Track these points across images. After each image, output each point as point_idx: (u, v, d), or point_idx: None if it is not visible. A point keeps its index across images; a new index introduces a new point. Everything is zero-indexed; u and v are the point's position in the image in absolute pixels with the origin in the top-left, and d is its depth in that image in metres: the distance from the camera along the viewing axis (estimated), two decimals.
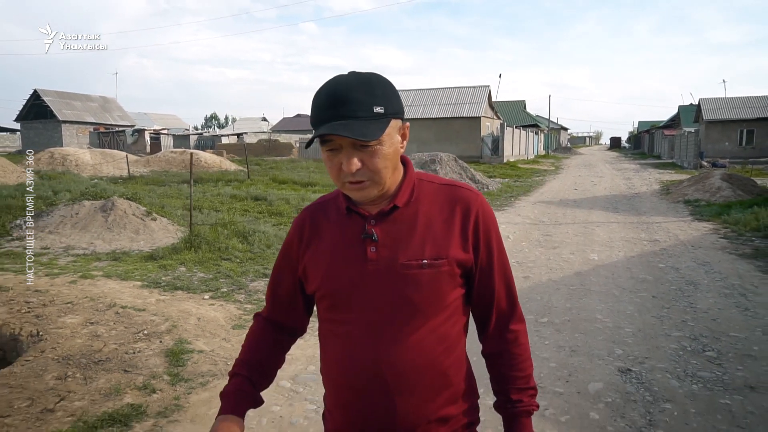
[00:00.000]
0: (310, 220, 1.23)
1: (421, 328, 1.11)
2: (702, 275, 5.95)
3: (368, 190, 1.09)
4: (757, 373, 3.49)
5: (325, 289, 1.16)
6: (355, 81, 1.05)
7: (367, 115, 1.03)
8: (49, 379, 3.50)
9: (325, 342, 1.21)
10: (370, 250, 1.12)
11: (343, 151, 1.05)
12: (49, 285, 5.62)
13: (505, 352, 1.20)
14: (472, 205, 1.15)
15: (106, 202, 8.82)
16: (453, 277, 1.13)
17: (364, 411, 1.13)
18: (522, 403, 1.18)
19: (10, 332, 4.35)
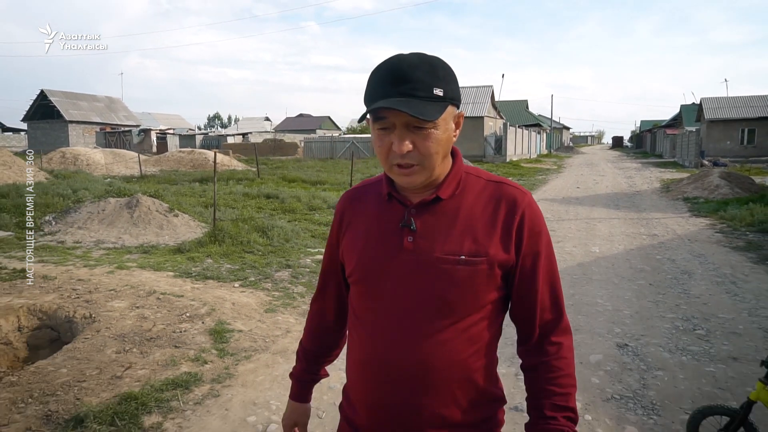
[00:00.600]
0: (350, 204, 1.23)
1: (452, 327, 1.07)
2: (696, 265, 6.37)
3: (416, 175, 1.05)
4: (741, 347, 3.91)
5: (357, 273, 1.15)
6: (418, 60, 1.02)
7: (427, 96, 1.00)
8: (110, 353, 3.94)
9: (354, 328, 1.19)
10: (407, 239, 1.09)
11: (395, 131, 1.02)
12: (90, 275, 6.06)
13: (545, 365, 1.12)
14: (518, 204, 1.10)
15: (130, 199, 9.27)
16: (491, 278, 1.07)
17: (386, 404, 1.10)
18: (556, 422, 1.07)
19: (64, 315, 4.79)
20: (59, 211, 9.74)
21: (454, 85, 1.05)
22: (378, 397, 1.11)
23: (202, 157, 27.32)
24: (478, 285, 1.06)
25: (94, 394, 3.28)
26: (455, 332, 1.06)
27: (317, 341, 1.35)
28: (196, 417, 3.05)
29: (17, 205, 10.49)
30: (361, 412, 1.16)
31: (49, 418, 2.99)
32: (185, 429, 2.92)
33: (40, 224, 9.10)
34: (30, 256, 6.05)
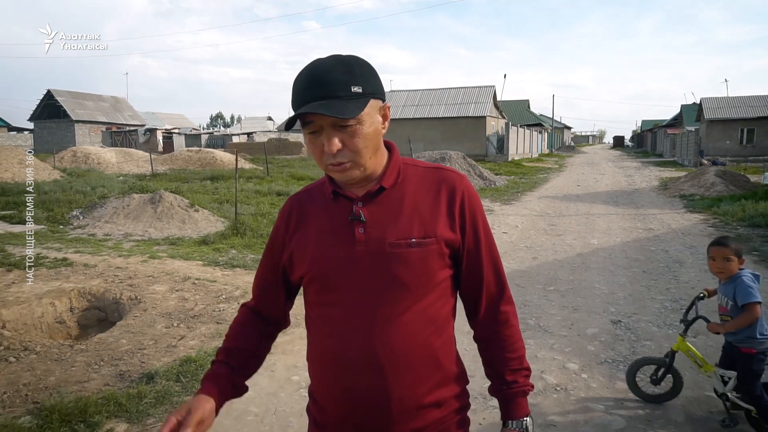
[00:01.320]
0: (297, 206, 1.24)
1: (411, 308, 1.11)
2: (687, 256, 6.86)
3: (350, 171, 1.09)
4: None
5: (313, 272, 1.16)
6: (333, 62, 1.07)
7: (346, 95, 1.03)
8: (160, 328, 4.44)
9: (315, 327, 1.21)
10: (358, 231, 1.12)
11: (324, 132, 1.06)
12: (126, 263, 6.56)
13: (497, 334, 1.21)
14: (457, 187, 1.16)
15: (154, 195, 9.77)
16: (441, 257, 1.14)
17: (356, 394, 1.12)
18: (517, 384, 1.20)
19: (112, 297, 5.29)
20: (86, 206, 10.26)
21: (373, 80, 1.09)
22: (346, 389, 1.13)
23: (210, 156, 27.79)
24: (431, 264, 1.12)
25: (156, 358, 3.78)
26: (415, 314, 1.11)
27: (243, 340, 1.27)
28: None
29: (43, 201, 11.02)
30: (329, 410, 1.18)
31: (121, 376, 3.49)
32: None
33: (68, 219, 9.60)
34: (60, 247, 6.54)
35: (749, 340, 2.71)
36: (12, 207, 10.68)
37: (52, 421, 2.80)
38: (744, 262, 2.84)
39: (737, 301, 2.70)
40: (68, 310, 5.20)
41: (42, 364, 3.63)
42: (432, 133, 32.85)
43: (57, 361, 3.71)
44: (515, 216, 10.68)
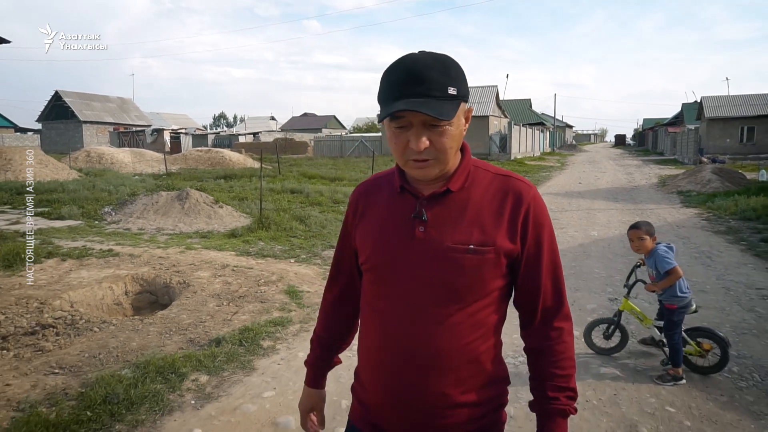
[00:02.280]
0: (364, 195, 1.28)
1: (459, 313, 1.12)
2: (680, 245, 7.46)
3: (431, 168, 1.11)
4: (705, 299, 5.01)
5: (371, 261, 1.20)
6: (431, 60, 1.06)
7: (443, 95, 1.04)
8: (211, 307, 5.05)
9: (366, 316, 1.25)
10: (418, 229, 1.14)
11: (413, 129, 1.07)
12: (166, 254, 7.17)
13: (548, 348, 1.19)
14: (524, 197, 1.15)
15: (181, 192, 10.40)
16: (497, 266, 1.13)
17: (398, 386, 1.15)
18: (558, 402, 1.17)
19: (162, 282, 5.90)
20: (116, 203, 10.89)
21: (464, 83, 1.10)
22: (389, 379, 1.16)
23: (219, 155, 28.36)
24: (486, 273, 1.12)
25: (217, 329, 4.40)
26: (463, 317, 1.12)
27: (331, 329, 1.40)
28: (297, 342, 4.16)
29: (74, 199, 11.66)
30: (373, 394, 1.22)
31: (191, 342, 4.11)
32: (292, 349, 4.03)
33: (101, 215, 10.23)
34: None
35: (672, 298, 3.46)
36: (45, 204, 11.31)
37: (148, 372, 3.42)
38: (656, 239, 3.57)
39: (659, 270, 3.45)
40: (124, 293, 5.83)
41: (122, 334, 4.26)
42: None
43: (134, 331, 4.33)
44: None
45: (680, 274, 3.42)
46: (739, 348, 3.87)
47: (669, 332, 3.46)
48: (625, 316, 3.99)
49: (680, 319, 3.46)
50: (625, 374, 3.54)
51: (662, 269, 3.42)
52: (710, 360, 3.49)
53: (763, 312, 4.63)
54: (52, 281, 5.75)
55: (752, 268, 6.14)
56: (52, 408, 3.02)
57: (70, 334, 4.26)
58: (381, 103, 1.10)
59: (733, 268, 6.14)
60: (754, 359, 3.68)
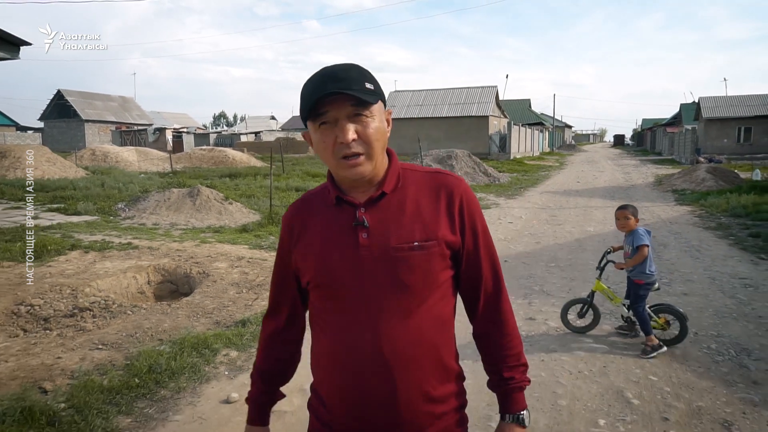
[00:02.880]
0: (298, 215, 1.26)
1: (416, 309, 1.15)
2: (672, 240, 7.84)
3: (362, 166, 1.13)
4: (692, 287, 5.40)
5: (319, 279, 1.18)
6: (346, 65, 1.14)
7: (361, 88, 1.10)
8: (232, 294, 5.42)
9: (320, 330, 1.22)
10: (361, 236, 1.15)
11: (339, 123, 1.10)
12: (182, 247, 7.54)
13: (495, 331, 1.26)
14: (455, 190, 1.20)
15: (192, 189, 10.76)
16: (443, 258, 1.17)
17: (365, 392, 1.15)
18: (514, 380, 1.24)
19: (183, 272, 6.27)
20: (129, 199, 11.25)
21: (380, 87, 1.16)
22: (354, 388, 1.15)
23: (222, 154, 28.70)
24: (433, 266, 1.15)
25: (240, 312, 4.76)
26: (419, 314, 1.15)
27: (275, 360, 1.35)
28: None
29: (87, 196, 12.02)
30: (335, 407, 1.20)
31: (218, 323, 4.48)
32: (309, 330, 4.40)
33: (115, 210, 10.60)
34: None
35: (640, 274, 3.96)
36: (60, 201, 11.67)
37: (184, 348, 3.79)
38: (639, 221, 4.09)
39: (634, 245, 3.93)
40: (146, 282, 6.19)
41: (153, 316, 4.63)
42: (436, 132, 33.75)
43: (163, 314, 4.70)
44: (519, 209, 11.67)
45: (646, 254, 3.92)
46: (719, 329, 4.25)
47: (635, 305, 3.96)
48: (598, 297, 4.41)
49: (645, 294, 3.95)
50: (614, 350, 3.91)
51: (636, 244, 3.91)
52: (672, 333, 3.98)
53: (744, 299, 5.01)
54: (79, 271, 6.11)
55: (738, 261, 6.52)
56: (102, 376, 3.39)
57: (106, 317, 4.64)
58: (304, 110, 1.12)
59: (720, 260, 6.52)
60: (731, 338, 4.06)
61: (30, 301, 4.91)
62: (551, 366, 3.65)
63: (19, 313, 4.70)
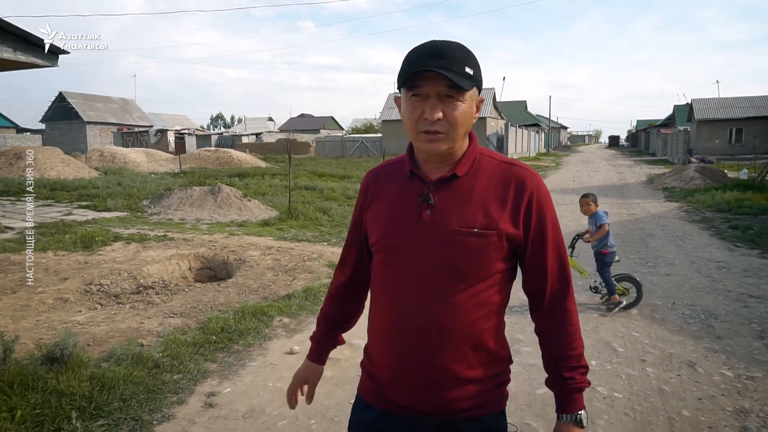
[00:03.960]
0: (374, 181, 1.36)
1: (463, 292, 1.19)
2: (659, 231, 8.63)
3: (440, 143, 1.17)
4: (673, 270, 6.17)
5: (381, 243, 1.28)
6: (453, 42, 1.17)
7: (460, 71, 1.13)
8: (270, 277, 6.14)
9: (376, 293, 1.32)
10: (425, 213, 1.21)
11: (429, 100, 1.14)
12: (213, 239, 8.25)
13: (558, 330, 1.27)
14: (528, 184, 1.22)
15: (213, 187, 11.47)
16: (500, 250, 1.20)
17: (405, 360, 1.23)
18: (574, 381, 1.25)
19: (221, 259, 6.99)
20: (153, 197, 11.95)
21: (480, 72, 1.20)
22: (398, 353, 1.24)
23: (227, 155, 29.33)
24: (489, 255, 1.19)
25: (282, 290, 5.49)
26: (466, 297, 1.19)
27: (338, 307, 1.48)
28: None
29: (110, 194, 12.71)
30: (382, 367, 1.30)
31: (266, 298, 5.20)
32: None
33: (141, 207, 11.30)
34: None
35: (604, 246, 4.95)
36: (86, 199, 12.36)
37: (245, 315, 4.52)
38: (599, 206, 5.01)
39: (597, 224, 4.84)
40: (188, 269, 6.91)
41: (208, 293, 5.36)
42: None
43: (216, 291, 5.43)
44: None
45: (607, 229, 4.87)
46: (693, 300, 5.03)
47: (601, 271, 4.95)
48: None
49: (609, 262, 4.94)
50: (604, 314, 4.67)
51: (598, 223, 4.83)
52: (631, 297, 4.88)
53: (717, 277, 5.79)
54: (128, 258, 6.83)
55: (716, 248, 7.30)
56: (184, 335, 4.11)
57: (167, 293, 5.36)
58: (401, 75, 1.17)
59: (700, 248, 7.31)
60: (702, 307, 4.82)
61: (99, 281, 5.63)
62: None
63: (91, 291, 5.42)
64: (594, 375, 3.48)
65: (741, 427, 2.81)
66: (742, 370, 3.50)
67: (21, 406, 2.92)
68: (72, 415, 2.91)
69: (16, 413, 2.85)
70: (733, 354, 3.75)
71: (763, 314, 4.57)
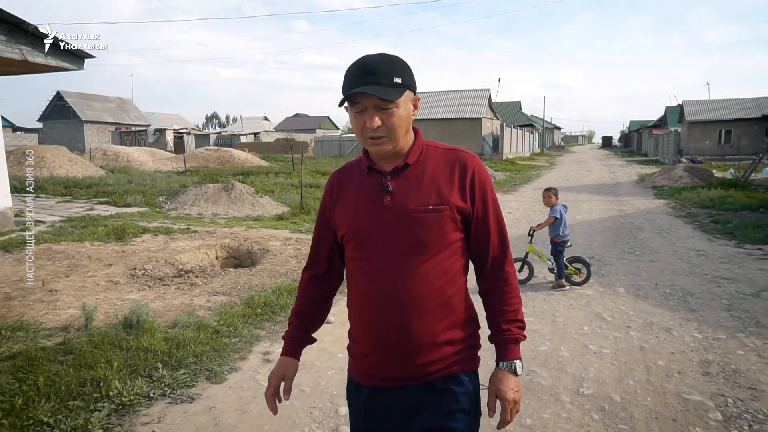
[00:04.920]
0: (337, 180, 1.54)
1: (428, 262, 1.38)
2: (646, 225, 9.32)
3: (384, 145, 1.37)
4: (657, 257, 6.86)
5: (350, 233, 1.44)
6: (380, 57, 1.36)
7: (389, 83, 1.31)
8: (293, 264, 6.76)
9: (352, 277, 1.48)
10: (386, 199, 1.39)
11: (367, 111, 1.34)
12: (233, 231, 8.86)
13: (498, 289, 1.47)
14: (469, 164, 1.43)
15: (226, 184, 12.07)
16: (454, 222, 1.39)
17: (383, 329, 1.39)
18: (510, 332, 1.44)
19: (246, 249, 7.60)
20: (169, 193, 12.53)
21: (409, 76, 1.38)
22: (375, 326, 1.41)
23: (228, 154, 29.82)
24: (445, 227, 1.38)
25: None
26: (430, 266, 1.38)
27: (310, 304, 1.61)
28: None
29: (126, 191, 13.28)
30: (361, 343, 1.46)
31: (295, 281, 5.82)
32: None
33: (157, 203, 11.88)
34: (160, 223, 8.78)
35: (557, 235, 5.56)
36: (102, 195, 12.92)
37: (281, 292, 5.14)
38: (558, 200, 5.72)
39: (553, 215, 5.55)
40: (215, 257, 7.52)
41: (243, 277, 5.97)
42: (431, 133, 35.02)
43: (249, 275, 6.05)
44: (515, 201, 13.13)
45: (552, 221, 5.61)
46: (674, 281, 5.70)
47: (555, 256, 5.59)
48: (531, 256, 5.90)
49: (562, 249, 5.58)
50: (596, 292, 5.34)
51: (550, 214, 5.55)
52: (583, 275, 5.60)
53: (696, 263, 6.48)
54: (160, 248, 7.43)
55: (697, 239, 8.01)
56: (232, 309, 4.73)
57: (206, 277, 5.98)
58: (343, 94, 1.36)
59: (684, 239, 8.01)
60: (681, 286, 5.50)
61: (142, 267, 6.24)
62: (551, 302, 5.08)
63: (136, 275, 6.03)
64: (586, 337, 4.15)
65: (704, 372, 3.47)
66: (710, 333, 4.17)
67: (116, 358, 3.54)
68: (158, 366, 3.53)
69: (113, 363, 3.47)
70: (703, 322, 4.43)
71: (733, 292, 5.25)
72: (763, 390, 3.21)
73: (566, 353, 3.82)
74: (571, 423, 2.88)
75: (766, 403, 3.05)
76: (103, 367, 3.41)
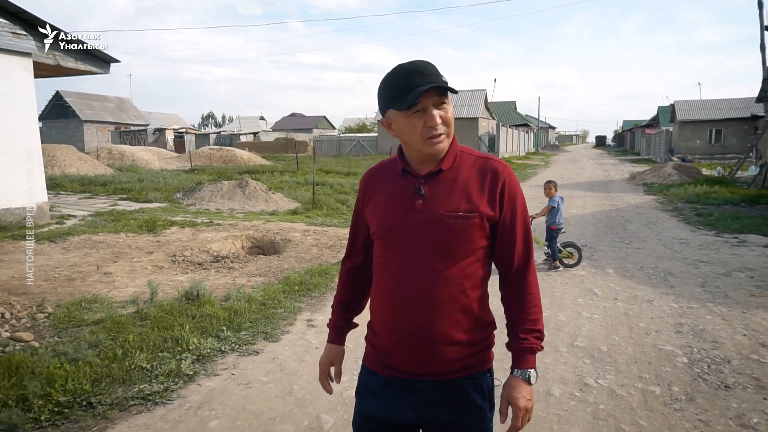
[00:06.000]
0: (371, 180, 1.59)
1: (453, 267, 1.41)
2: (636, 218, 10.08)
3: (443, 143, 1.41)
4: (644, 245, 7.61)
5: (381, 231, 1.48)
6: (423, 62, 1.40)
7: (443, 81, 1.37)
8: (315, 252, 7.46)
9: (379, 274, 1.53)
10: (417, 202, 1.43)
11: (428, 110, 1.37)
12: (253, 224, 9.52)
13: (519, 298, 1.49)
14: (500, 173, 1.45)
15: (240, 181, 12.73)
16: (482, 229, 1.42)
17: (406, 326, 1.44)
18: (527, 341, 1.45)
19: (269, 239, 8.28)
20: (185, 189, 13.18)
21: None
22: (398, 322, 1.45)
23: (231, 153, 30.37)
24: (472, 234, 1.41)
25: (332, 258, 6.80)
26: (455, 270, 1.41)
27: (350, 293, 1.70)
28: None
29: (143, 188, 13.92)
30: (384, 337, 1.51)
31: (321, 265, 6.52)
32: None
33: (175, 199, 12.53)
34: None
35: (553, 222, 6.36)
36: (121, 192, 13.55)
37: (312, 274, 5.84)
38: (557, 191, 6.42)
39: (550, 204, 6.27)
40: (241, 247, 8.20)
41: (273, 262, 6.66)
42: None
43: (278, 261, 6.74)
44: None
45: (548, 210, 6.38)
46: (657, 264, 6.45)
47: (549, 242, 6.39)
48: None
49: (556, 235, 6.36)
50: (588, 273, 6.07)
51: (548, 204, 6.25)
52: (576, 258, 6.36)
53: (678, 250, 7.24)
54: (190, 239, 8.10)
55: (681, 230, 8.78)
56: (272, 287, 5.41)
57: (241, 262, 6.66)
58: (395, 100, 1.38)
59: (669, 230, 8.77)
60: (663, 268, 6.25)
61: (181, 254, 6.92)
62: (549, 281, 5.81)
63: (177, 261, 6.71)
64: (580, 306, 4.88)
65: (677, 330, 4.21)
66: (684, 303, 4.91)
67: (187, 323, 4.23)
68: (223, 328, 4.23)
69: (185, 326, 4.16)
70: (680, 295, 5.17)
71: (707, 273, 6.00)
72: (723, 342, 3.95)
73: (563, 318, 4.55)
74: (568, 365, 3.60)
75: (723, 351, 3.78)
76: (178, 329, 4.10)
